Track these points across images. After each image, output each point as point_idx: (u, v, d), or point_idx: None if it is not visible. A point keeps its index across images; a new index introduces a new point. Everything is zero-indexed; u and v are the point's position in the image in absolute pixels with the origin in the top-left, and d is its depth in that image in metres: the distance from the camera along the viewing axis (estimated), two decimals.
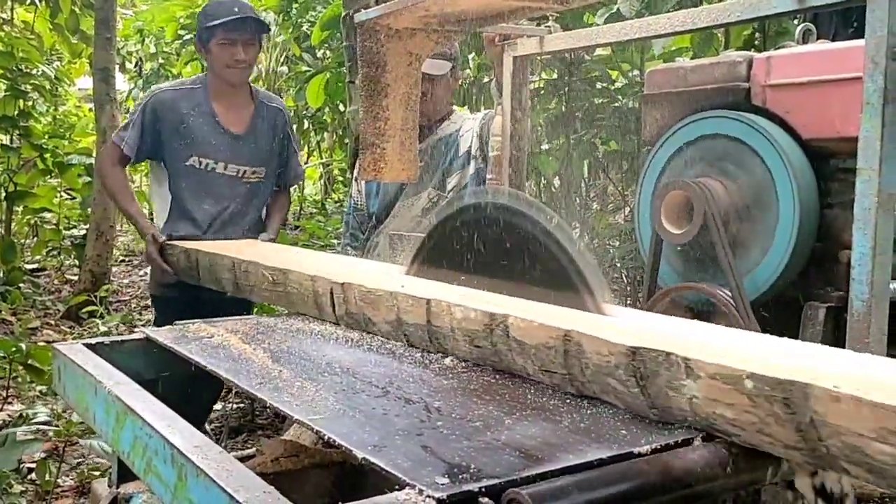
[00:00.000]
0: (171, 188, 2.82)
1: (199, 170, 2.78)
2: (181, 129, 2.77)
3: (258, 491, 0.89)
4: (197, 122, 2.77)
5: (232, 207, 2.82)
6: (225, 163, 2.80)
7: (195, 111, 2.79)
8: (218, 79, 2.81)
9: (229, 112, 2.82)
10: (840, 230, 1.87)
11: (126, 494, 1.49)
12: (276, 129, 2.92)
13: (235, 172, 2.81)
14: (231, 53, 2.74)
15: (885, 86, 1.36)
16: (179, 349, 1.52)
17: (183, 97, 2.81)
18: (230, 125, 2.81)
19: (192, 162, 2.77)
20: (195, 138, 2.76)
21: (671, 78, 2.16)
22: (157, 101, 2.79)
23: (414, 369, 1.37)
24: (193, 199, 2.78)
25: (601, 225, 5.74)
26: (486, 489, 0.88)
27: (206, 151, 2.78)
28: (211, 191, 2.79)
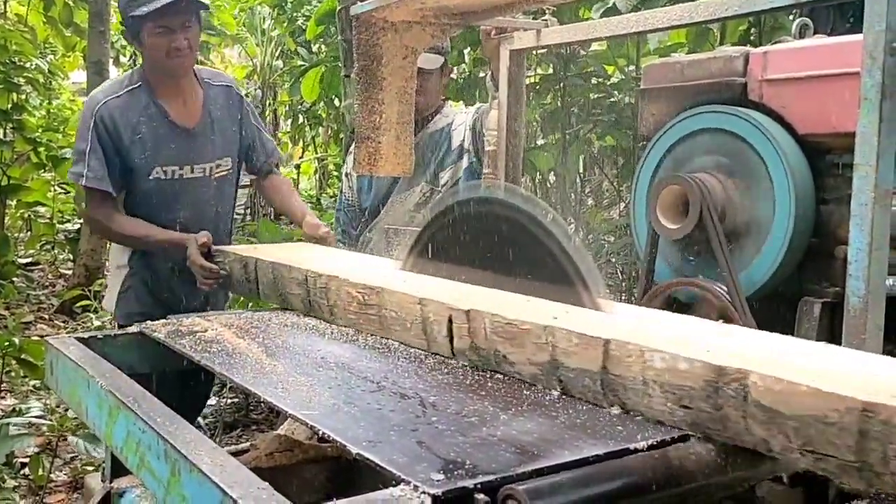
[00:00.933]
0: (135, 205, 2.45)
1: (164, 181, 2.42)
2: (137, 142, 2.40)
3: (252, 487, 0.88)
4: (150, 127, 2.42)
5: (207, 211, 2.51)
6: (190, 165, 2.46)
7: (145, 115, 2.42)
8: (157, 72, 2.43)
9: (178, 106, 2.46)
10: (836, 226, 1.86)
11: (119, 489, 1.49)
12: (230, 109, 2.56)
13: (202, 172, 2.48)
14: (169, 41, 2.33)
15: (883, 81, 1.35)
16: (173, 344, 1.51)
17: (127, 104, 2.41)
18: (183, 121, 2.46)
19: (157, 174, 2.42)
20: (153, 147, 2.41)
21: (668, 73, 2.15)
22: (106, 115, 2.38)
23: (409, 364, 1.37)
24: (166, 213, 2.42)
25: (596, 220, 5.74)
26: (482, 485, 0.87)
27: (167, 158, 2.42)
28: (183, 198, 2.45)
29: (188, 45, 2.37)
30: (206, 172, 2.48)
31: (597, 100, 4.78)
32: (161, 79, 2.44)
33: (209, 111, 2.50)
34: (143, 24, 2.33)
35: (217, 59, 10.92)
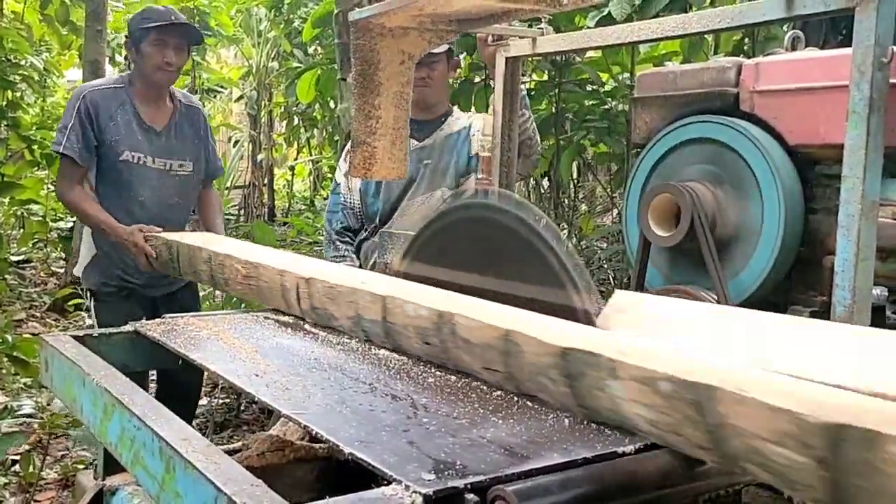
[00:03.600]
0: (102, 185, 2.84)
1: (133, 164, 2.83)
2: (111, 126, 2.82)
3: (246, 484, 0.90)
4: (124, 119, 2.84)
5: (168, 200, 2.90)
6: (153, 157, 2.87)
7: (121, 109, 2.85)
8: (144, 80, 2.87)
9: (150, 110, 2.90)
10: (824, 236, 1.89)
11: (112, 487, 1.49)
12: (195, 126, 3.02)
13: (164, 166, 2.89)
14: (162, 55, 2.79)
15: (871, 95, 1.38)
16: (168, 342, 1.52)
17: (109, 96, 2.86)
18: (152, 122, 2.89)
19: (126, 157, 2.82)
20: (125, 134, 2.83)
21: (661, 81, 2.18)
22: (90, 100, 2.83)
23: (401, 367, 1.38)
24: (130, 192, 2.83)
25: (589, 226, 5.77)
26: (472, 486, 0.89)
27: (135, 146, 2.84)
28: (146, 183, 2.85)
29: (175, 64, 2.84)
30: (167, 167, 2.91)
31: (591, 106, 4.80)
32: (143, 85, 2.88)
33: (175, 121, 2.95)
34: (147, 35, 2.77)
35: (213, 59, 10.93)
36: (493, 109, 2.37)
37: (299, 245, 6.73)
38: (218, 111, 11.39)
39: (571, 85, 4.71)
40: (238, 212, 9.74)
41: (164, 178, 2.88)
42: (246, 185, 9.82)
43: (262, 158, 9.37)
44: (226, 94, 10.61)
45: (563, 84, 4.65)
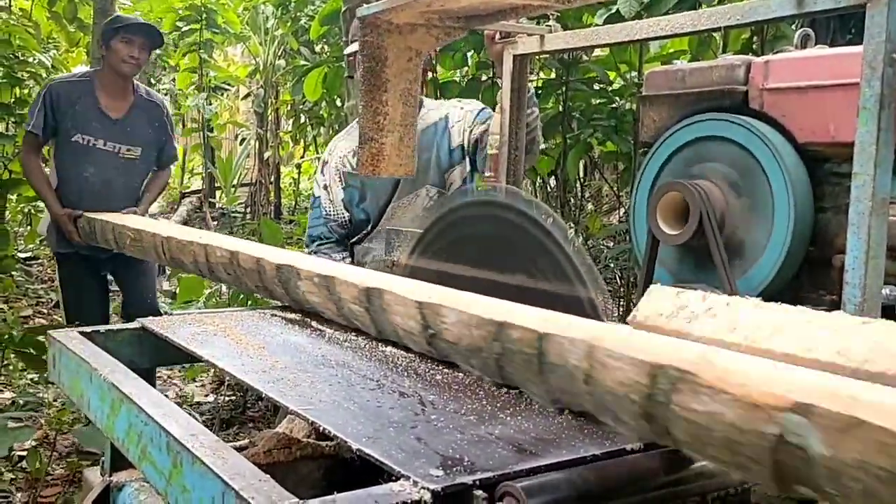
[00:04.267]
0: (60, 158, 3.48)
1: (82, 145, 3.41)
2: (70, 111, 3.40)
3: (254, 479, 0.90)
4: (83, 107, 3.42)
5: (111, 177, 3.46)
6: (104, 140, 3.43)
7: (82, 98, 3.42)
8: (110, 72, 3.45)
9: (111, 101, 3.47)
10: (834, 234, 1.88)
11: (118, 483, 1.49)
12: (151, 118, 3.56)
13: (112, 149, 3.45)
14: (128, 50, 3.37)
15: (882, 91, 1.37)
16: (175, 339, 1.52)
17: (73, 87, 3.46)
18: (110, 111, 3.46)
19: (76, 139, 3.40)
20: (81, 119, 3.40)
21: (670, 80, 2.17)
22: (54, 91, 3.43)
23: (408, 364, 1.38)
24: (78, 167, 3.43)
25: (595, 225, 5.76)
26: (481, 482, 0.89)
27: (88, 130, 3.41)
28: (92, 161, 3.43)
29: (138, 60, 3.42)
30: (115, 150, 3.46)
31: (598, 105, 4.79)
32: (108, 77, 3.45)
33: (133, 112, 3.51)
34: (117, 34, 3.37)
35: (220, 57, 10.94)
36: (500, 107, 2.37)
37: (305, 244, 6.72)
38: (225, 109, 11.42)
39: (579, 83, 4.70)
40: (244, 209, 9.75)
41: (110, 159, 3.45)
42: (252, 183, 9.83)
43: (269, 156, 9.38)
44: (233, 91, 10.63)
45: (571, 82, 4.64)
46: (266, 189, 9.44)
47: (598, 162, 6.43)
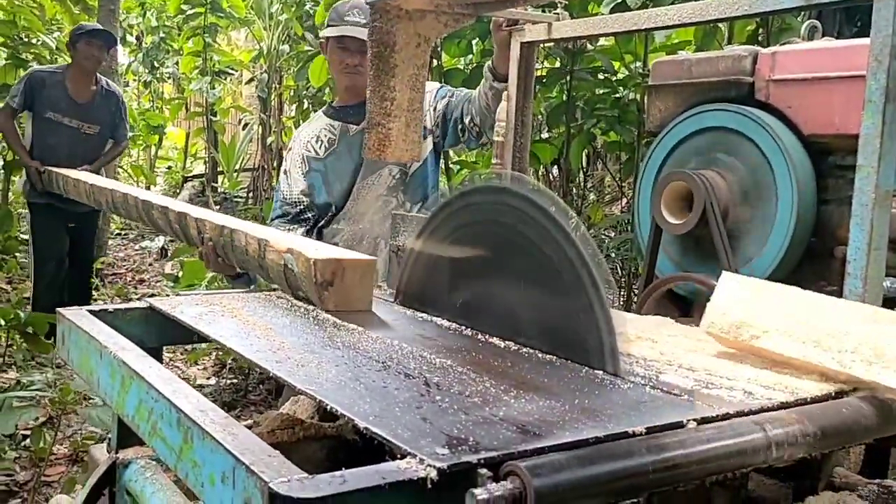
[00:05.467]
0: (34, 130, 4.73)
1: (53, 121, 4.70)
2: (44, 94, 4.68)
3: (263, 454, 0.91)
4: (55, 92, 4.71)
5: (74, 146, 4.70)
6: (70, 118, 4.71)
7: (55, 85, 4.71)
8: (77, 66, 4.75)
9: (78, 89, 4.76)
10: (836, 226, 1.89)
11: (125, 460, 1.51)
12: (109, 104, 4.88)
13: (76, 125, 4.74)
14: (90, 50, 4.69)
15: (888, 84, 1.38)
16: (183, 319, 1.53)
17: (49, 76, 4.76)
18: (76, 96, 4.76)
19: (49, 115, 4.69)
20: (52, 101, 4.68)
21: (676, 69, 2.18)
22: (34, 77, 4.76)
23: (413, 349, 1.40)
24: (48, 137, 4.67)
25: (598, 215, 5.77)
26: (485, 461, 0.90)
27: (57, 109, 4.69)
28: (60, 134, 4.70)
29: (98, 58, 4.78)
30: (77, 126, 4.78)
31: (602, 95, 4.79)
32: (76, 71, 4.79)
33: (95, 99, 4.84)
34: (82, 38, 4.74)
35: (224, 41, 10.92)
36: (506, 94, 2.38)
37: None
38: (228, 93, 11.41)
39: (583, 73, 4.69)
40: (247, 194, 9.76)
41: (72, 133, 4.74)
42: (255, 168, 9.83)
43: (272, 141, 9.37)
44: (236, 76, 10.61)
45: (575, 72, 4.64)
46: (268, 174, 9.45)
47: (601, 152, 6.44)
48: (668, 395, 1.19)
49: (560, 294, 1.34)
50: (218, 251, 2.08)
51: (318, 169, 2.75)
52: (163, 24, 10.44)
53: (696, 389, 1.22)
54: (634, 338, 1.52)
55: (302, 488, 0.83)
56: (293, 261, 1.69)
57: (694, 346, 1.53)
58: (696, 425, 1.06)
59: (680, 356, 1.43)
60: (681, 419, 1.07)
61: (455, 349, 1.40)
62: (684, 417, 1.07)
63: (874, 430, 1.23)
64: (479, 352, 1.40)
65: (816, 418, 1.16)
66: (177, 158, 12.44)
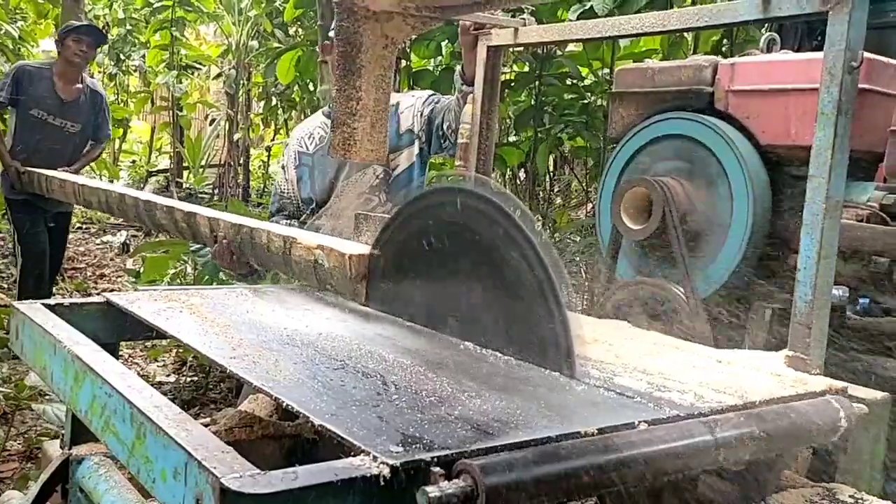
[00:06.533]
0: (18, 127, 4.56)
1: (37, 118, 4.50)
2: (30, 90, 4.48)
3: (217, 450, 0.91)
4: (41, 88, 4.50)
5: (56, 145, 4.55)
6: (54, 116, 4.53)
7: (42, 82, 4.52)
8: (65, 63, 4.55)
9: (64, 86, 4.56)
10: (790, 234, 1.94)
11: (78, 456, 1.49)
12: (94, 104, 4.73)
13: (60, 124, 4.55)
14: (79, 46, 4.49)
15: (840, 98, 1.42)
16: (140, 314, 1.52)
17: (37, 72, 4.56)
18: (62, 94, 4.56)
19: (34, 112, 4.48)
20: (38, 98, 4.48)
21: (639, 77, 2.21)
22: (21, 72, 4.55)
23: (373, 348, 1.40)
24: (32, 135, 4.50)
25: (563, 219, 5.82)
26: (438, 459, 0.91)
27: (43, 107, 4.49)
28: (44, 132, 4.52)
29: (86, 54, 4.59)
30: (62, 125, 4.58)
31: (570, 100, 4.84)
32: (64, 68, 4.57)
33: (80, 98, 4.64)
34: (70, 34, 4.53)
35: (192, 35, 10.80)
36: (472, 98, 2.39)
37: None
38: (195, 88, 11.28)
39: (551, 78, 4.74)
40: (212, 190, 9.66)
41: (57, 131, 4.56)
42: (221, 164, 9.74)
43: (239, 138, 9.30)
44: (204, 71, 10.50)
45: (544, 77, 4.68)
46: (235, 171, 9.37)
47: (567, 157, 6.50)
48: (621, 396, 1.21)
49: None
50: (233, 250, 2.12)
51: (305, 163, 2.82)
52: (129, 16, 10.29)
53: (649, 392, 1.25)
54: (591, 341, 1.54)
55: (254, 484, 0.84)
56: (324, 257, 1.74)
57: (649, 349, 1.56)
58: (646, 426, 1.08)
59: (635, 359, 1.46)
60: (632, 420, 1.09)
61: (413, 349, 1.41)
62: (636, 419, 1.09)
63: (821, 434, 1.27)
64: (436, 351, 1.41)
65: (765, 421, 1.20)
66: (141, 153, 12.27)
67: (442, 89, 4.60)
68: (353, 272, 1.67)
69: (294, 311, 1.68)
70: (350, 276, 1.68)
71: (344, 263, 1.69)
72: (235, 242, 2.11)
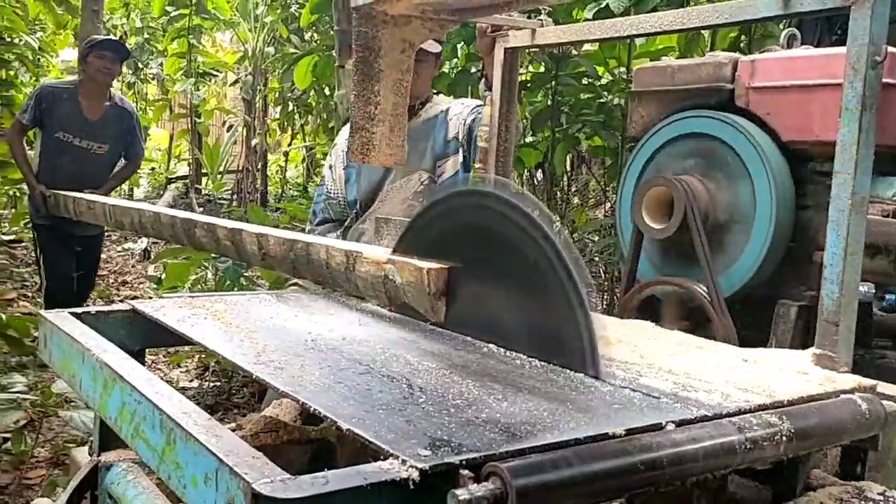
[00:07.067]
0: (43, 149, 4.41)
1: (63, 141, 4.33)
2: (55, 112, 4.34)
3: (247, 456, 0.92)
4: (66, 109, 4.33)
5: (82, 167, 4.37)
6: (80, 138, 4.35)
7: (67, 102, 4.34)
8: (90, 81, 4.36)
9: (90, 105, 4.39)
10: (815, 231, 1.92)
11: (107, 463, 1.51)
12: (121, 122, 4.52)
13: (86, 146, 4.38)
14: (102, 62, 4.30)
15: (864, 93, 1.40)
16: (166, 321, 1.53)
17: (61, 91, 4.40)
18: (88, 114, 4.39)
19: (59, 135, 4.32)
20: (63, 120, 4.33)
21: (658, 76, 2.20)
22: (45, 92, 4.41)
23: (397, 352, 1.40)
24: (57, 158, 4.33)
25: (581, 219, 5.80)
26: (467, 461, 0.91)
27: (68, 129, 4.33)
28: (69, 155, 4.35)
29: (111, 70, 4.38)
30: (88, 147, 4.41)
31: (586, 100, 4.82)
32: (89, 86, 4.39)
33: (107, 116, 4.46)
34: (93, 50, 4.32)
35: (209, 43, 10.88)
36: (490, 100, 2.39)
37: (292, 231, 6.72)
38: (213, 95, 11.36)
39: (568, 78, 4.72)
40: (231, 196, 9.72)
41: (84, 153, 4.38)
42: (239, 170, 9.80)
43: (256, 143, 9.35)
44: (221, 78, 10.58)
45: (560, 77, 4.67)
46: (253, 176, 9.42)
47: (585, 156, 6.47)
48: (647, 397, 1.21)
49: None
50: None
51: (352, 164, 2.82)
52: (147, 25, 10.39)
53: (675, 392, 1.24)
54: (615, 341, 1.54)
55: (285, 489, 0.84)
56: (395, 272, 1.61)
57: (674, 349, 1.55)
58: (674, 427, 1.08)
59: (660, 359, 1.45)
60: (660, 421, 1.08)
61: (436, 352, 1.41)
62: (663, 419, 1.09)
63: (851, 433, 1.25)
64: (460, 354, 1.41)
65: (794, 420, 1.19)
66: (160, 160, 12.38)
67: (458, 92, 4.62)
68: (432, 288, 1.54)
69: (317, 316, 1.69)
70: (429, 291, 1.55)
71: (421, 278, 1.55)
72: (288, 259, 1.95)
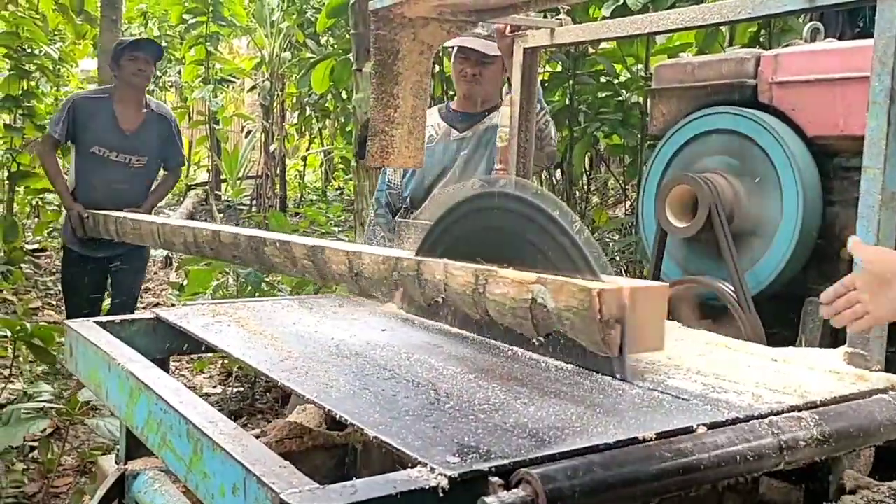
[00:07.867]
0: (77, 166, 4.00)
1: (98, 156, 3.93)
2: (89, 124, 3.92)
3: (274, 465, 0.91)
4: (101, 121, 3.92)
5: (120, 183, 3.98)
6: (116, 152, 3.95)
7: (101, 113, 3.93)
8: (124, 86, 3.94)
9: (126, 114, 3.96)
10: (842, 227, 1.89)
11: (134, 471, 1.51)
12: (160, 130, 4.09)
13: (124, 160, 3.98)
14: (136, 65, 3.90)
15: (892, 86, 1.38)
16: (190, 329, 1.54)
17: (94, 102, 3.99)
18: (125, 124, 3.97)
19: (94, 150, 3.92)
20: (98, 132, 3.92)
21: (679, 73, 2.18)
22: (76, 104, 3.97)
23: (420, 356, 1.40)
24: (93, 175, 3.95)
25: (601, 218, 5.76)
26: (496, 468, 0.90)
27: (103, 143, 3.93)
28: (105, 170, 3.95)
29: (145, 71, 3.96)
30: (125, 160, 3.99)
31: (605, 98, 4.79)
32: (123, 92, 3.95)
33: (145, 125, 4.02)
34: (124, 52, 3.90)
35: (226, 49, 10.95)
36: (510, 100, 2.38)
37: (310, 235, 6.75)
38: (230, 101, 11.43)
39: (585, 76, 4.70)
40: (250, 202, 9.77)
41: (121, 168, 3.97)
42: (258, 176, 9.84)
43: (275, 149, 9.38)
44: (238, 84, 10.63)
45: (577, 75, 4.64)
46: (272, 181, 9.45)
47: (604, 155, 6.44)
48: (676, 399, 1.19)
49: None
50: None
51: None
52: (165, 33, 10.47)
53: (704, 393, 1.22)
54: None
55: (313, 499, 0.83)
56: (546, 293, 1.34)
57: (702, 350, 1.53)
58: (706, 430, 1.06)
59: (688, 360, 1.43)
60: (691, 424, 1.07)
61: (461, 356, 1.40)
62: (694, 422, 1.07)
63: (885, 433, 1.23)
64: (485, 358, 1.40)
65: (827, 421, 1.16)
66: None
67: None
68: (605, 313, 1.24)
69: (340, 321, 1.68)
70: (600, 318, 1.25)
71: (589, 302, 1.25)
72: (391, 280, 1.72)
